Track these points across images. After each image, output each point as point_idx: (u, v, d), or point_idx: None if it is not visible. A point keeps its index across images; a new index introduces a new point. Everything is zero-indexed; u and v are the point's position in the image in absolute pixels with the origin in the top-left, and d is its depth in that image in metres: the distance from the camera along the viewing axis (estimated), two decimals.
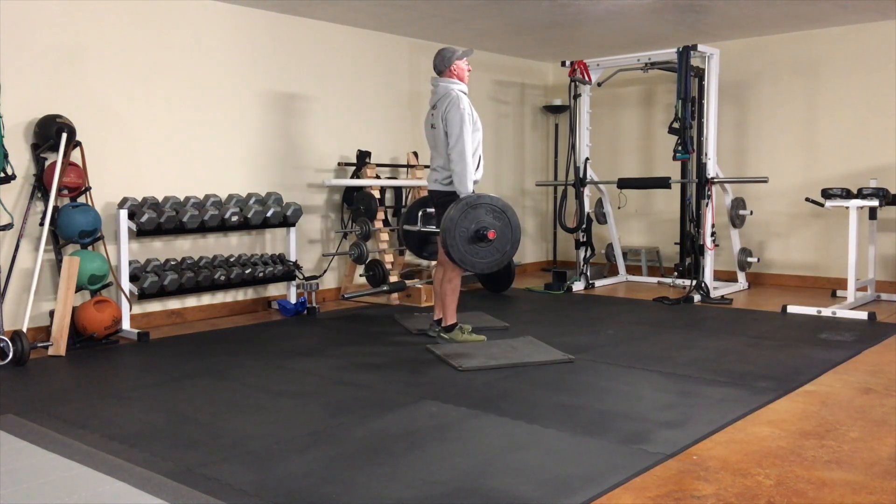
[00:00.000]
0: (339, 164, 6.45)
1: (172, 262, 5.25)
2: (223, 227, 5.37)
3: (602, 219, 7.29)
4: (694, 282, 6.30)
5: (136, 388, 3.74)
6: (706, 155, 6.34)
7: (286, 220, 5.70)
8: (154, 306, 5.33)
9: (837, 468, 2.59)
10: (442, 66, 4.53)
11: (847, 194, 5.78)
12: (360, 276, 6.41)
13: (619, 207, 7.48)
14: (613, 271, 7.60)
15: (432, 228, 4.59)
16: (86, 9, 4.91)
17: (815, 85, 6.82)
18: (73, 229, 4.62)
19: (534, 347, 4.38)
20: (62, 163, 4.57)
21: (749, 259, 6.74)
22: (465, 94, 4.49)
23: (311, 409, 3.34)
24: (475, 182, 4.46)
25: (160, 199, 5.23)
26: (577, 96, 6.91)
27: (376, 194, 6.23)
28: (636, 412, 3.23)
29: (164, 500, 2.33)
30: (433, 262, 6.00)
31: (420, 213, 4.76)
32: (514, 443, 2.87)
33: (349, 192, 6.35)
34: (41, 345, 4.40)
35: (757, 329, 5.03)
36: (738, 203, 6.68)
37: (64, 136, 4.59)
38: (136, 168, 5.20)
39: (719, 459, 2.67)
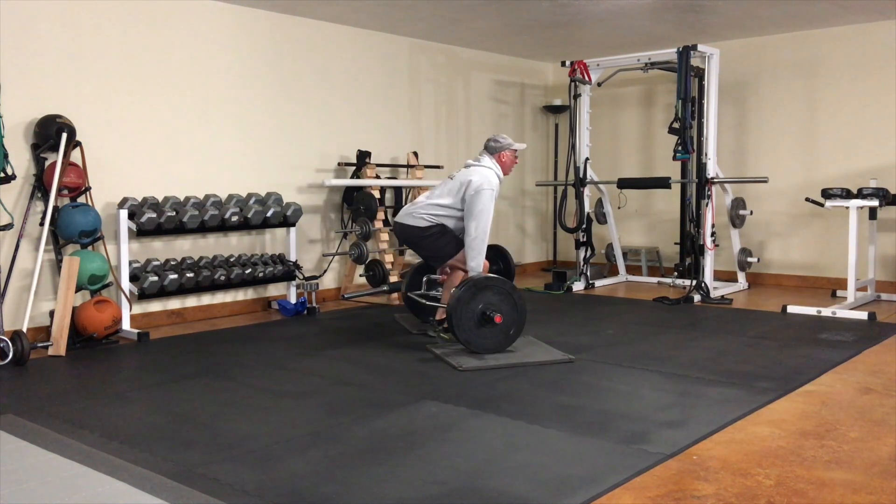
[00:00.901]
0: (339, 164, 6.45)
1: (172, 262, 5.25)
2: (223, 227, 5.37)
3: (602, 219, 7.29)
4: (694, 282, 6.29)
5: (136, 388, 3.74)
6: (706, 155, 6.34)
7: (286, 220, 5.70)
8: (154, 306, 5.33)
9: (837, 468, 2.59)
10: (494, 147, 4.62)
11: (847, 194, 5.78)
12: (360, 276, 6.42)
13: (619, 207, 7.48)
14: (613, 271, 7.60)
15: (437, 300, 4.65)
16: (86, 9, 4.91)
17: (815, 85, 6.82)
18: (73, 229, 4.62)
19: (534, 347, 4.38)
20: (62, 163, 4.57)
21: (749, 259, 6.74)
22: (499, 181, 4.57)
23: (311, 409, 3.34)
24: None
25: (160, 199, 5.23)
26: (577, 96, 6.91)
27: (376, 194, 6.23)
28: (636, 412, 3.23)
29: (164, 500, 2.33)
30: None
31: (424, 280, 4.81)
32: (513, 443, 2.87)
33: (349, 192, 6.35)
34: (41, 345, 4.40)
35: (757, 329, 5.03)
36: (738, 203, 6.68)
37: (64, 136, 4.59)
38: (136, 168, 5.20)
39: (719, 459, 2.67)
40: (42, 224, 4.58)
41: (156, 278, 4.99)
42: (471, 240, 4.39)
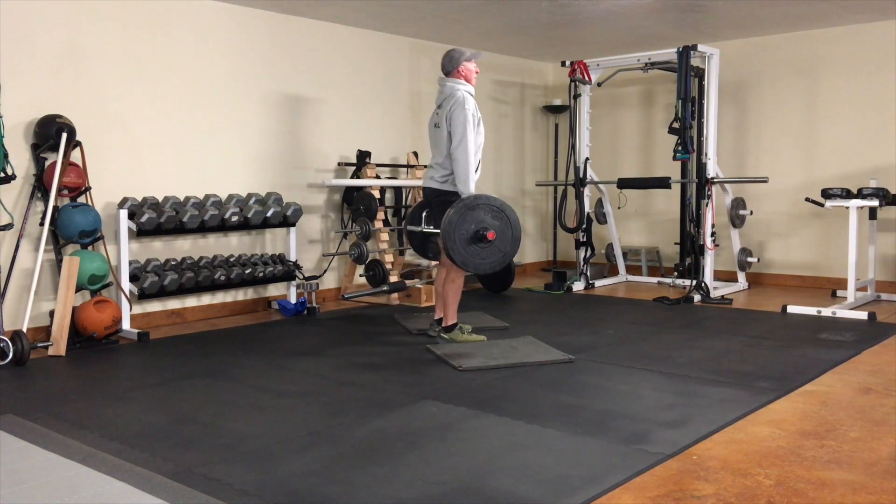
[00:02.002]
0: (339, 164, 6.45)
1: (172, 262, 5.25)
2: (223, 227, 5.37)
3: (602, 219, 7.29)
4: (694, 282, 6.30)
5: (136, 388, 3.74)
6: (706, 155, 6.34)
7: (286, 220, 5.70)
8: (154, 306, 5.33)
9: (837, 468, 2.59)
10: (450, 66, 4.55)
11: (847, 194, 5.78)
12: (360, 276, 6.41)
13: (619, 207, 7.48)
14: (613, 271, 7.60)
15: (433, 229, 4.59)
16: (86, 9, 4.91)
17: (815, 85, 6.82)
18: (73, 229, 4.62)
19: (534, 347, 4.38)
20: (62, 163, 4.57)
21: (749, 259, 6.74)
22: (471, 95, 4.51)
23: (311, 409, 3.34)
24: None
25: (160, 199, 5.23)
26: (577, 96, 6.91)
27: (376, 194, 6.23)
28: (636, 412, 3.23)
29: (164, 500, 2.33)
30: (434, 263, 6.00)
31: (423, 214, 4.78)
32: (514, 443, 2.87)
33: (349, 192, 6.35)
34: (41, 345, 4.40)
35: (757, 329, 5.03)
36: (738, 203, 6.68)
37: (64, 136, 4.59)
38: (136, 168, 5.20)
39: (719, 459, 2.67)
40: (42, 224, 4.58)
41: (156, 278, 4.99)
42: (455, 165, 4.36)
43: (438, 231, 4.38)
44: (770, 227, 7.11)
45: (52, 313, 4.55)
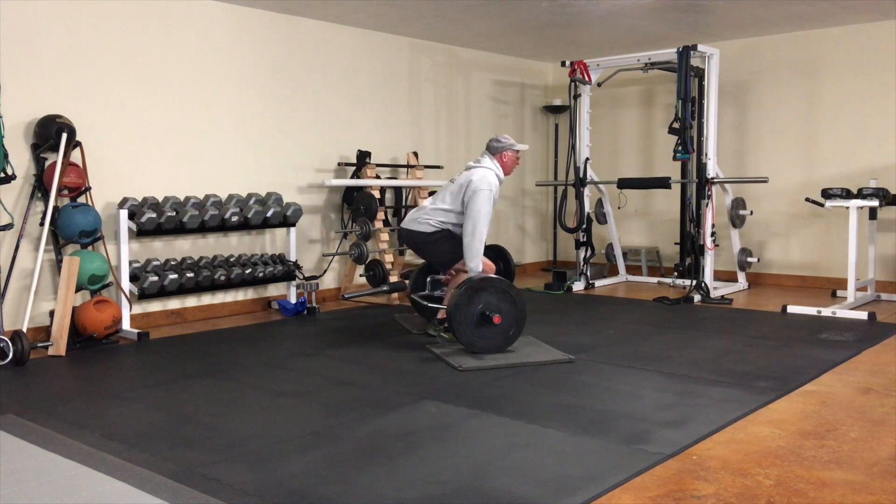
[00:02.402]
0: (339, 164, 6.45)
1: (172, 263, 5.25)
2: (223, 227, 5.37)
3: (602, 219, 7.29)
4: (694, 282, 6.29)
5: (136, 388, 3.74)
6: (706, 155, 6.34)
7: (286, 220, 5.70)
8: (154, 306, 5.33)
9: (837, 468, 2.59)
10: (496, 147, 4.61)
11: (847, 194, 5.78)
12: (360, 276, 6.41)
13: (619, 207, 7.48)
14: (613, 271, 7.60)
15: (440, 301, 4.66)
16: (86, 9, 4.91)
17: (815, 85, 6.82)
18: (73, 229, 4.62)
19: (534, 347, 4.38)
20: (62, 163, 4.57)
21: (749, 259, 6.74)
22: (499, 182, 4.56)
23: (311, 409, 3.34)
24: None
25: (160, 199, 5.23)
26: (577, 96, 6.91)
27: (376, 194, 6.23)
28: (636, 412, 3.23)
29: (164, 500, 2.33)
30: None
31: (428, 280, 4.81)
32: (513, 443, 2.87)
33: (349, 192, 6.35)
34: (41, 345, 4.40)
35: (757, 329, 5.03)
36: (738, 203, 6.68)
37: (64, 136, 4.59)
38: (136, 168, 5.20)
39: (719, 459, 2.67)
40: (42, 224, 4.58)
41: (156, 278, 4.99)
42: (467, 241, 4.39)
43: (444, 307, 4.45)
44: (770, 227, 7.11)
45: (52, 313, 4.55)
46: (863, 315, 5.31)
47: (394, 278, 6.14)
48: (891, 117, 6.41)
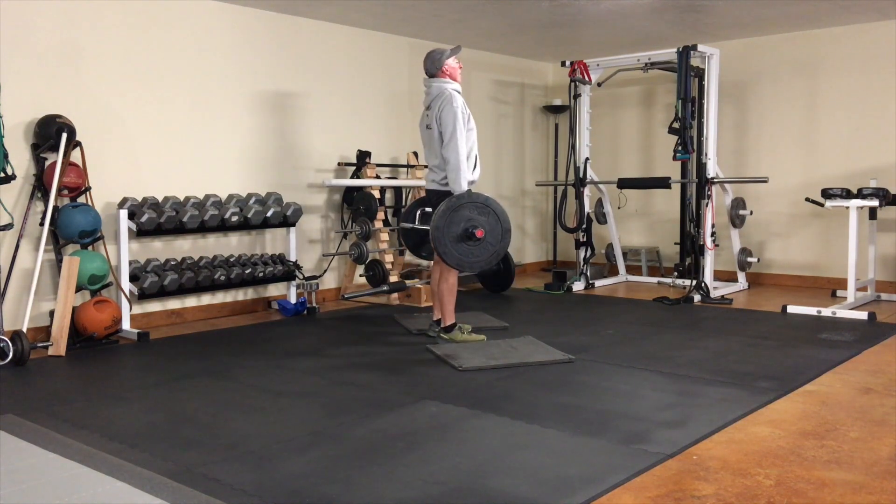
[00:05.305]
0: (339, 164, 6.45)
1: (172, 262, 5.25)
2: (223, 227, 5.37)
3: (602, 219, 7.29)
4: (694, 282, 6.30)
5: (136, 388, 3.74)
6: (706, 155, 6.34)
7: (286, 220, 5.70)
8: (154, 306, 5.33)
9: (837, 468, 2.59)
10: (433, 68, 4.53)
11: (847, 194, 5.78)
12: (360, 276, 6.41)
13: (619, 207, 7.48)
14: (613, 271, 7.60)
15: (424, 226, 4.60)
16: (85, 9, 4.91)
17: (815, 85, 6.82)
18: (73, 229, 4.62)
19: (534, 347, 4.38)
20: (62, 163, 4.57)
21: (749, 259, 6.74)
22: (458, 92, 4.50)
23: (311, 409, 3.34)
24: (471, 182, 4.46)
25: (160, 199, 5.23)
26: (577, 96, 6.91)
27: (376, 194, 6.23)
28: (636, 412, 3.23)
29: (164, 500, 2.33)
30: (431, 262, 6.02)
31: (418, 212, 4.78)
32: (513, 443, 2.87)
33: (349, 192, 6.35)
34: (41, 345, 4.40)
35: (757, 329, 5.03)
36: (738, 203, 6.68)
37: (64, 136, 4.59)
38: (136, 168, 5.20)
39: (719, 459, 2.67)
40: (42, 224, 4.58)
41: (156, 278, 4.99)
42: (446, 165, 4.36)
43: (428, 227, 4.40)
44: (770, 227, 7.11)
45: (52, 313, 4.55)
46: (863, 315, 5.31)
47: (394, 278, 6.14)
48: (891, 117, 6.41)
